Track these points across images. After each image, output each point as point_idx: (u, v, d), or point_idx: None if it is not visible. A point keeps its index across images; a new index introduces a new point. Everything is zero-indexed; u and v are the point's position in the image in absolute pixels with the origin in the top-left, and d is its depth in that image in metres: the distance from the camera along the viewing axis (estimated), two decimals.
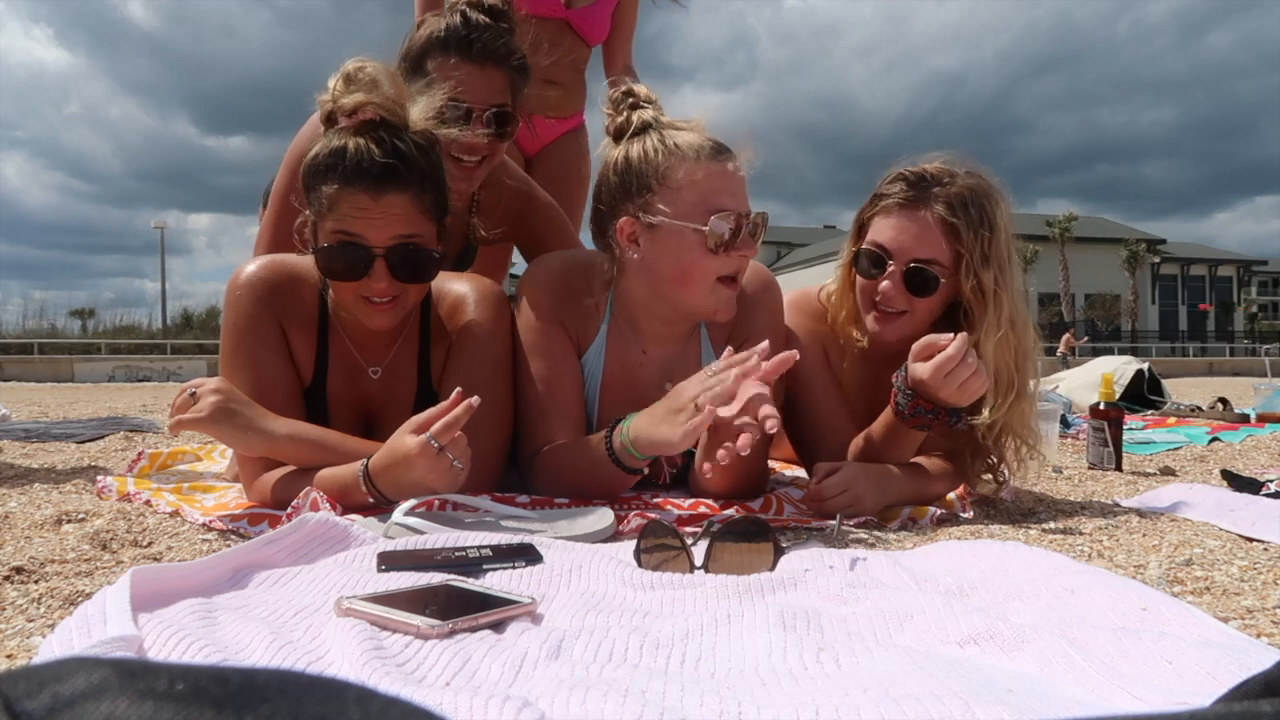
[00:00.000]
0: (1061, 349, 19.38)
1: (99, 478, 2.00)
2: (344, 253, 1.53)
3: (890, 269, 1.75)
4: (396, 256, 1.53)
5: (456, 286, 1.78)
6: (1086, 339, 21.72)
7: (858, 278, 1.82)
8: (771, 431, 1.34)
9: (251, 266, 1.67)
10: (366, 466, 1.47)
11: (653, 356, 1.79)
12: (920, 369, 1.56)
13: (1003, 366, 1.69)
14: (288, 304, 1.67)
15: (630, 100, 1.72)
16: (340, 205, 1.52)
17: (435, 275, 1.64)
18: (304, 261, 1.66)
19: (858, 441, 1.79)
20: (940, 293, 1.74)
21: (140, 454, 2.23)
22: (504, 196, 2.20)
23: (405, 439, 1.41)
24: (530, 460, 1.70)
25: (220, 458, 2.30)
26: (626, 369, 1.79)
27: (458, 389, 1.43)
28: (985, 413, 1.64)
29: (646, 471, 1.60)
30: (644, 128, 1.67)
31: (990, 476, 1.81)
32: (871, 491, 1.60)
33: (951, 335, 1.56)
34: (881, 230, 1.78)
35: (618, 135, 1.71)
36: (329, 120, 1.56)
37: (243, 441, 1.55)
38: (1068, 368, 7.22)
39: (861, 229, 1.85)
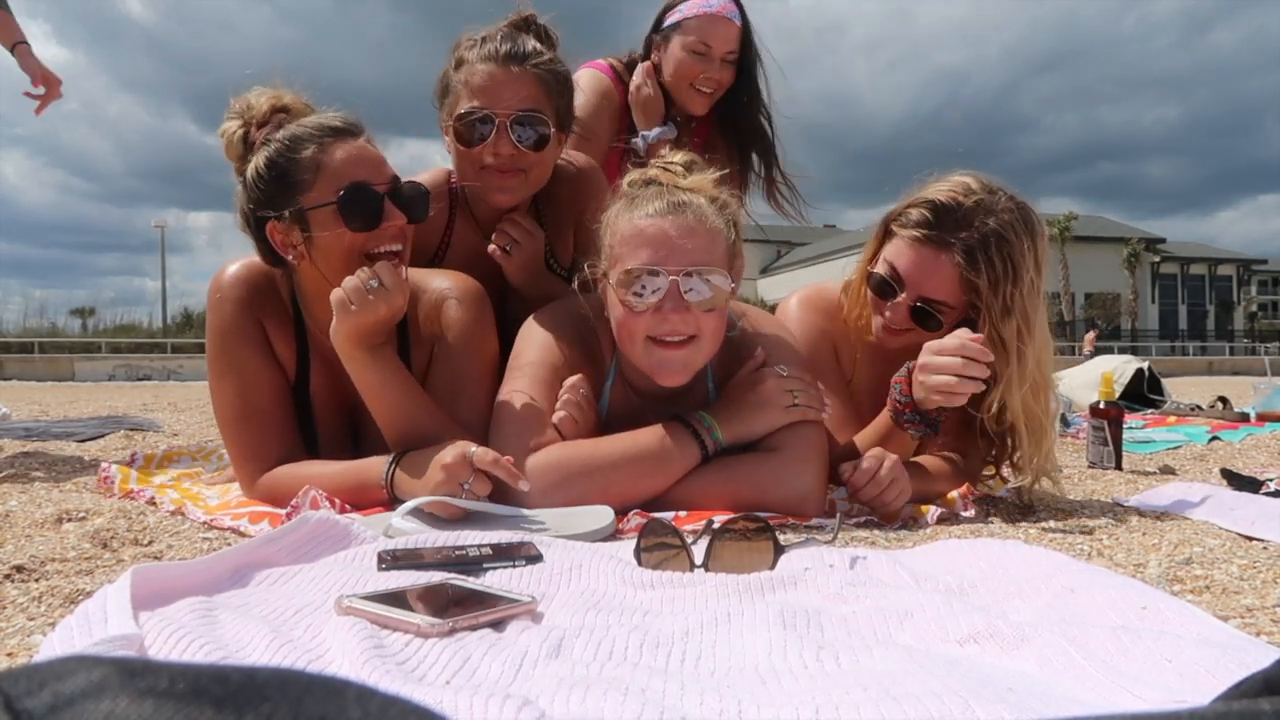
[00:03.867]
0: (1087, 348, 19.47)
1: (103, 465, 2.00)
2: (357, 193, 1.55)
3: (899, 299, 1.74)
4: (400, 195, 1.59)
5: (435, 283, 1.74)
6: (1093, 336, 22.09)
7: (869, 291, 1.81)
8: None
9: (232, 268, 1.69)
10: (401, 452, 1.52)
11: (654, 407, 1.72)
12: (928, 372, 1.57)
13: (1031, 414, 1.68)
14: (267, 303, 1.68)
15: (655, 160, 1.68)
16: (333, 159, 1.55)
17: (428, 214, 1.65)
18: None
19: (855, 441, 1.79)
20: (945, 326, 1.72)
21: (134, 455, 2.23)
22: (564, 195, 2.03)
23: (456, 444, 1.44)
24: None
25: (217, 460, 2.30)
26: (631, 418, 1.70)
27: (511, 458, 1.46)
28: (1019, 459, 1.72)
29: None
30: (628, 187, 1.64)
31: (993, 472, 1.83)
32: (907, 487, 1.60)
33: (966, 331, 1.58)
34: (900, 254, 1.74)
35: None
36: (245, 143, 1.61)
37: (357, 362, 1.55)
38: None
39: (886, 233, 1.80)
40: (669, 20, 2.52)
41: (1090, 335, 22.80)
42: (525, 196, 1.94)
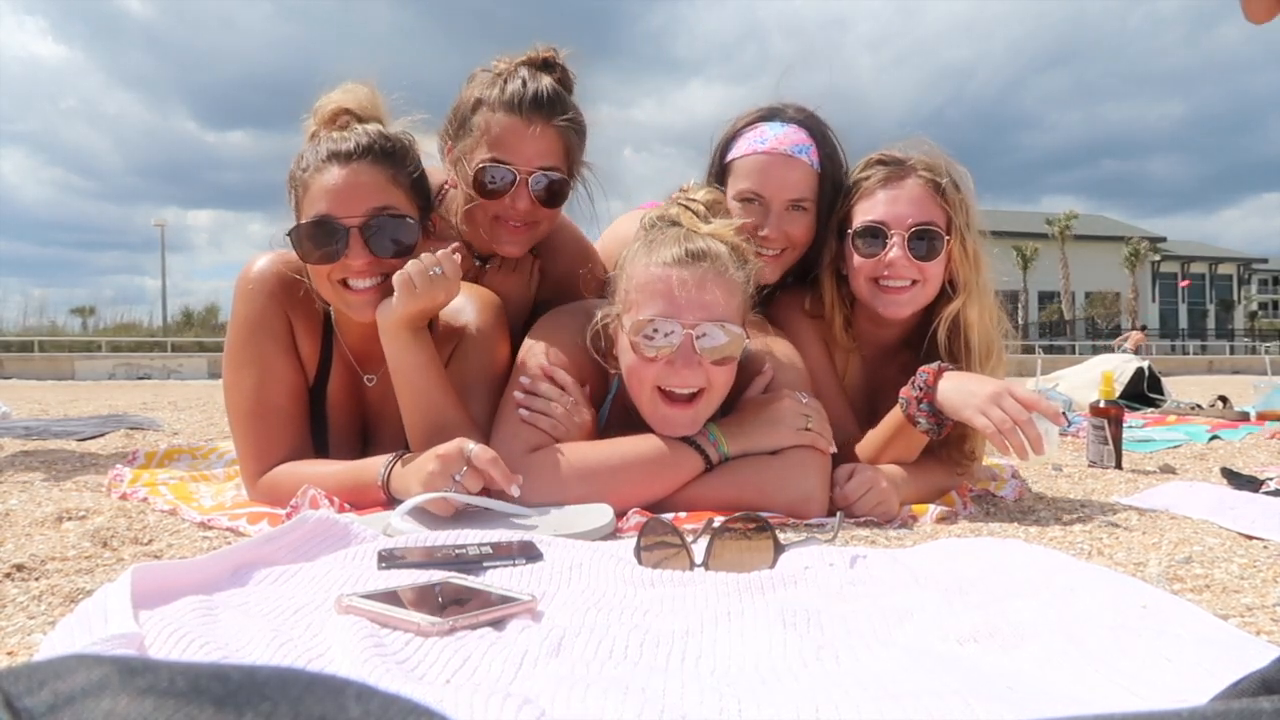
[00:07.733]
0: (1130, 346, 19.28)
1: (116, 465, 2.01)
2: (317, 230, 1.50)
3: (893, 239, 1.77)
4: (371, 229, 1.51)
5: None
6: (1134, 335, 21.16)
7: (856, 260, 1.81)
8: None
9: (263, 261, 1.67)
10: (400, 453, 1.52)
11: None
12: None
13: (986, 331, 1.80)
14: (297, 301, 1.67)
15: (677, 194, 1.66)
16: (312, 188, 1.51)
17: (415, 246, 1.57)
18: None
19: (863, 447, 1.79)
20: (942, 256, 1.79)
21: (135, 453, 2.23)
22: (561, 263, 1.99)
23: (456, 440, 1.43)
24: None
25: (218, 459, 2.29)
26: (627, 430, 1.67)
27: (520, 476, 1.45)
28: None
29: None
30: (647, 226, 1.62)
31: (969, 461, 1.83)
32: (890, 492, 1.60)
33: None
34: (871, 209, 1.81)
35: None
36: (314, 139, 1.59)
37: (402, 344, 1.53)
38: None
39: (842, 224, 1.86)
40: (726, 158, 1.93)
41: (1137, 335, 21.98)
42: (531, 245, 1.90)
